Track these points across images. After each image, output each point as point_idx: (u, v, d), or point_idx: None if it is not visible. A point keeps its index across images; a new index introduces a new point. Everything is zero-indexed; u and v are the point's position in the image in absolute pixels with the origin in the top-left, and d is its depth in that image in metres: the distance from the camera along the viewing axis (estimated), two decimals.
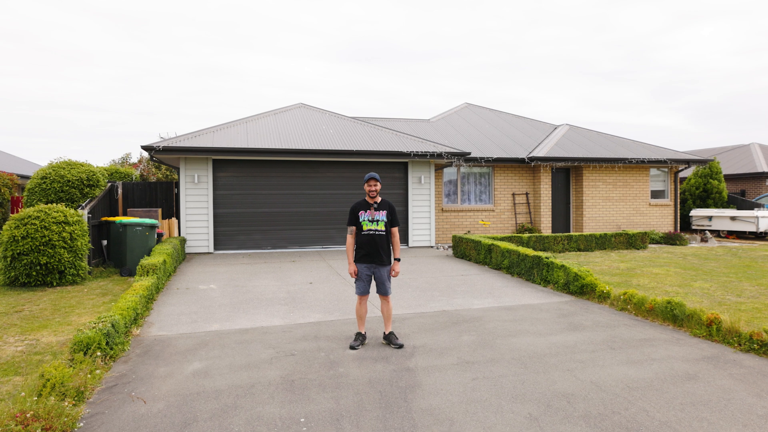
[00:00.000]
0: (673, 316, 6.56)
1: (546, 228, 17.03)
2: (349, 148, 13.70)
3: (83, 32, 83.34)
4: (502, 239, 13.44)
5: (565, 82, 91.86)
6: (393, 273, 5.83)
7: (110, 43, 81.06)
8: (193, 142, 12.96)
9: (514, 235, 13.87)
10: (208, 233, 13.40)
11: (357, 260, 5.81)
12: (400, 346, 5.68)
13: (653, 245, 15.88)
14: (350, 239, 5.88)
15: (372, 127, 16.18)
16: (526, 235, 13.91)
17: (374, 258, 5.75)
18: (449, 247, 14.74)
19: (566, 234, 14.27)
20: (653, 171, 18.60)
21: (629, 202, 18.01)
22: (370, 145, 14.23)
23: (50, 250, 8.84)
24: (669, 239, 16.31)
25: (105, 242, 11.35)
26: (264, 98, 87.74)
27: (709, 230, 18.79)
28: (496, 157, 16.48)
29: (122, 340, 5.77)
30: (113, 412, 4.21)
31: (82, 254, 9.38)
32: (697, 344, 5.82)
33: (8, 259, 8.85)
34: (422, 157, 14.22)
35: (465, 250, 12.54)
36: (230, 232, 13.71)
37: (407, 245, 14.91)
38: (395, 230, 5.92)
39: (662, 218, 18.40)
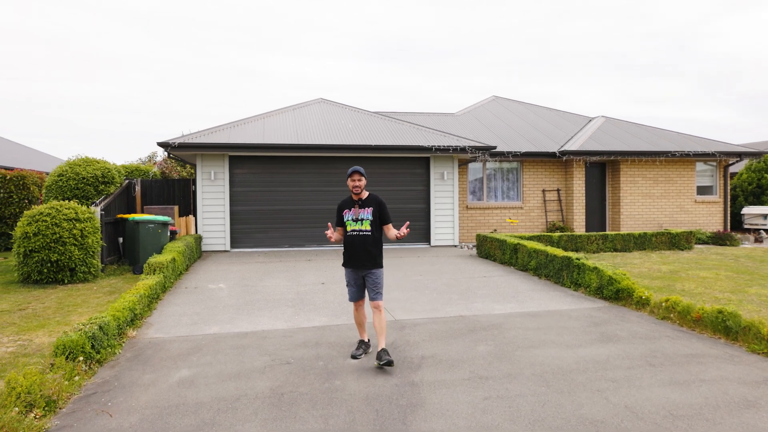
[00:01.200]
0: (725, 327, 5.77)
1: (579, 227, 16.15)
2: (368, 143, 13.17)
3: (117, 38, 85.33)
4: (531, 238, 12.70)
5: (601, 76, 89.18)
6: (400, 233, 5.00)
7: (142, 48, 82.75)
8: (208, 138, 12.67)
9: (543, 234, 13.10)
10: (225, 231, 13.09)
11: (344, 264, 5.27)
12: (389, 363, 4.77)
13: (700, 245, 14.81)
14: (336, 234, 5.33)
15: (393, 122, 15.62)
16: (557, 234, 13.11)
17: (359, 262, 5.14)
18: (474, 246, 14.07)
19: (601, 233, 13.41)
20: (700, 165, 17.41)
21: (672, 198, 16.93)
22: (390, 140, 13.67)
23: (61, 247, 8.63)
24: (718, 239, 15.19)
25: (121, 239, 11.15)
26: (292, 99, 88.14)
27: (764, 230, 17.46)
28: (524, 151, 15.68)
29: (113, 343, 5.41)
30: (82, 426, 3.81)
31: (93, 251, 9.15)
32: (756, 363, 5.03)
33: (21, 256, 8.71)
34: (444, 152, 13.58)
35: (489, 249, 11.86)
36: (247, 230, 13.38)
37: (429, 244, 14.30)
38: (389, 227, 5.24)
39: (710, 216, 17.22)
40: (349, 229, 5.16)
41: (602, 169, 17.10)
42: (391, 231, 5.22)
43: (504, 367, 4.91)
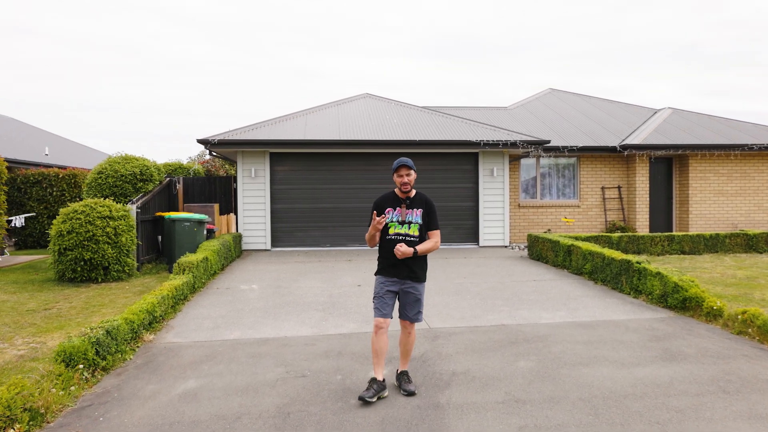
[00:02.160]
0: None
1: (642, 227, 14.95)
2: (412, 138, 12.61)
3: (180, 42, 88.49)
4: (587, 239, 11.76)
5: (668, 69, 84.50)
6: (396, 250, 4.12)
7: (204, 52, 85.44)
8: (248, 135, 12.48)
9: (602, 234, 12.11)
10: (265, 229, 12.87)
11: (379, 272, 4.33)
12: (411, 394, 4.15)
13: None
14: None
15: (440, 116, 14.96)
16: (617, 234, 12.09)
17: (402, 271, 4.23)
18: (526, 247, 13.24)
19: (667, 234, 12.27)
20: None
21: (749, 196, 15.39)
22: (436, 135, 13.04)
23: (94, 246, 8.56)
24: None
25: (160, 238, 11.10)
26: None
27: None
28: (582, 145, 14.63)
29: (123, 348, 5.12)
30: None
31: (127, 250, 9.06)
32: None
33: (56, 254, 8.72)
34: (494, 147, 12.81)
35: (541, 251, 11.03)
36: (288, 229, 13.11)
37: (477, 244, 13.56)
38: (435, 233, 4.34)
39: None
40: (392, 231, 4.24)
41: (668, 164, 15.79)
42: (434, 239, 4.35)
43: (546, 389, 4.25)
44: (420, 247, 4.20)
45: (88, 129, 68.42)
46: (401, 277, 4.25)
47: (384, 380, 4.15)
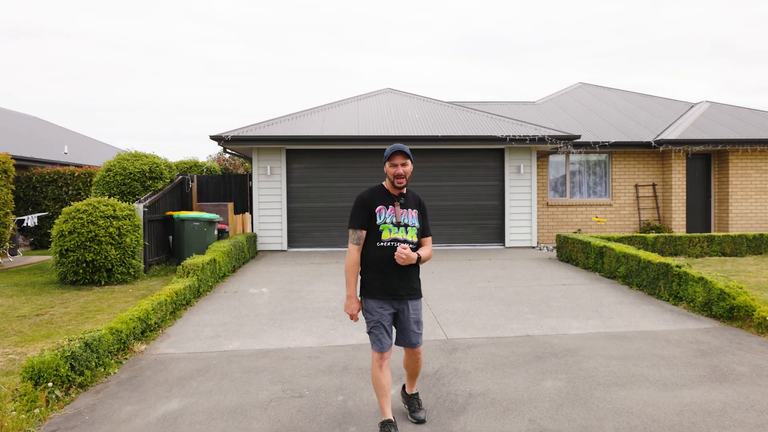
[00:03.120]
0: None
1: (678, 227, 14.05)
2: (434, 134, 11.99)
3: (215, 43, 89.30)
4: (620, 239, 11.00)
5: (704, 66, 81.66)
6: (398, 254, 3.31)
7: (235, 52, 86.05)
8: (263, 131, 12.05)
9: (635, 234, 11.34)
10: (282, 229, 12.44)
11: (371, 293, 3.43)
12: (421, 422, 3.60)
13: None
14: (354, 253, 3.45)
15: (464, 111, 14.31)
16: (652, 234, 11.30)
17: (404, 288, 3.45)
18: (554, 248, 12.52)
19: (706, 234, 11.42)
20: None
21: None
22: (459, 130, 12.41)
23: (96, 247, 8.20)
24: None
25: (171, 238, 10.76)
26: None
27: None
28: (614, 141, 13.80)
29: (106, 361, 4.68)
30: None
31: (132, 251, 8.68)
32: None
33: (58, 255, 8.37)
34: (521, 143, 12.12)
35: (571, 252, 10.33)
36: (305, 228, 12.65)
37: (503, 245, 12.88)
38: (429, 240, 3.61)
39: None
40: (386, 236, 3.39)
41: (706, 160, 14.84)
42: (427, 246, 3.61)
43: (577, 416, 3.65)
44: (422, 253, 3.49)
45: (117, 129, 69.52)
46: (402, 297, 3.44)
47: (395, 419, 3.46)
